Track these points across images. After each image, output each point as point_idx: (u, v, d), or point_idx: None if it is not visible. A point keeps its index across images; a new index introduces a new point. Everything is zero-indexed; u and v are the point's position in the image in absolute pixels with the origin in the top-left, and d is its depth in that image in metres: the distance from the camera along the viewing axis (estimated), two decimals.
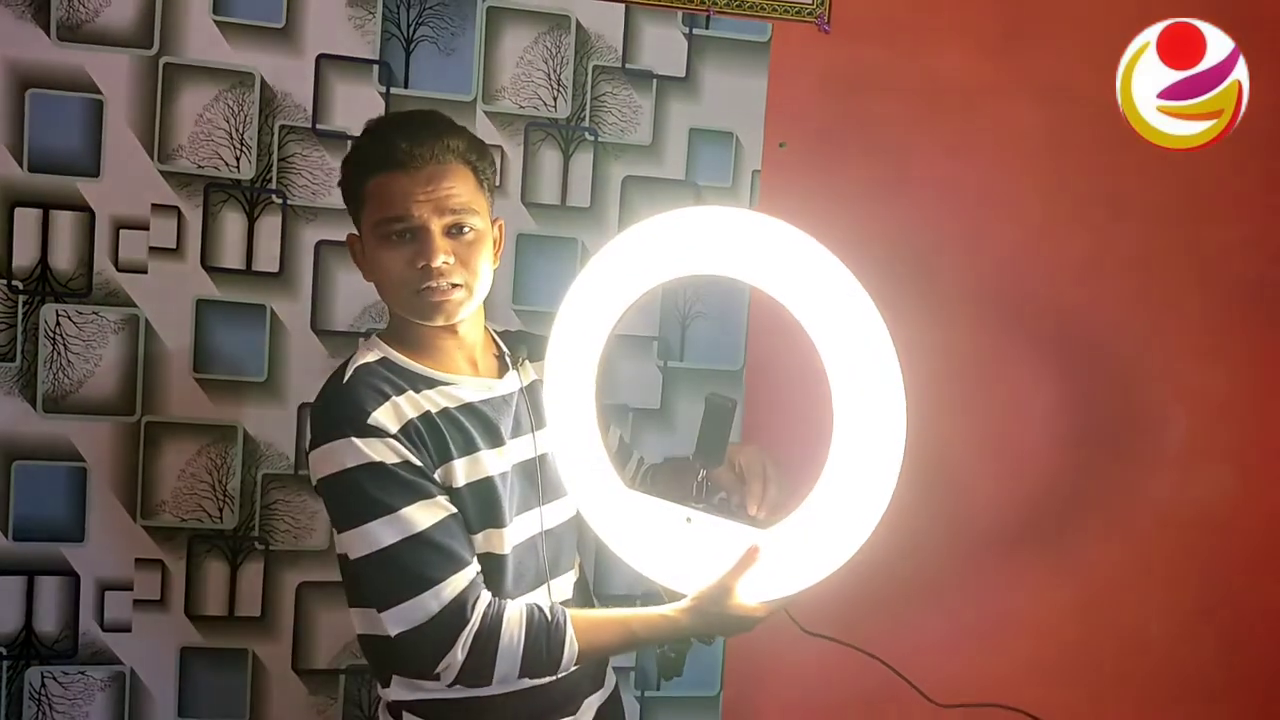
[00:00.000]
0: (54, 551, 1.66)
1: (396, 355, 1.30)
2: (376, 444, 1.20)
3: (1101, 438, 2.00)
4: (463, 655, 1.20)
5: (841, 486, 1.21)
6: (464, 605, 1.20)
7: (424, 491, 1.21)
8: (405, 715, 1.31)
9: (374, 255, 1.27)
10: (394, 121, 1.31)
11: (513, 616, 1.23)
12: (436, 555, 1.20)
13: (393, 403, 1.23)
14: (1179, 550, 2.04)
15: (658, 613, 1.28)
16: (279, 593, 1.73)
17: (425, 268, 1.23)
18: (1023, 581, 2.00)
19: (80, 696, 1.68)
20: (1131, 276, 1.98)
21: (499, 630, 1.21)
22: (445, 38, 1.72)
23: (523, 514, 1.32)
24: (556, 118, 1.77)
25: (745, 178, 1.83)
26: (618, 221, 1.80)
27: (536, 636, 1.23)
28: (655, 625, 1.28)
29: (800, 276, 1.21)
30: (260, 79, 1.66)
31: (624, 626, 1.29)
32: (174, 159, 1.65)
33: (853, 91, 1.86)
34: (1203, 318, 2.01)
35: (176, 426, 1.68)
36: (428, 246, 1.23)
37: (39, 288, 1.63)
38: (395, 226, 1.24)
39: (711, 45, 1.81)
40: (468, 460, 1.26)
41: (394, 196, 1.23)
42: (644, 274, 1.29)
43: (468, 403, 1.29)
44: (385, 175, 1.24)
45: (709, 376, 1.85)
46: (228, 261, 1.68)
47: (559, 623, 1.25)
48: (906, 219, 1.88)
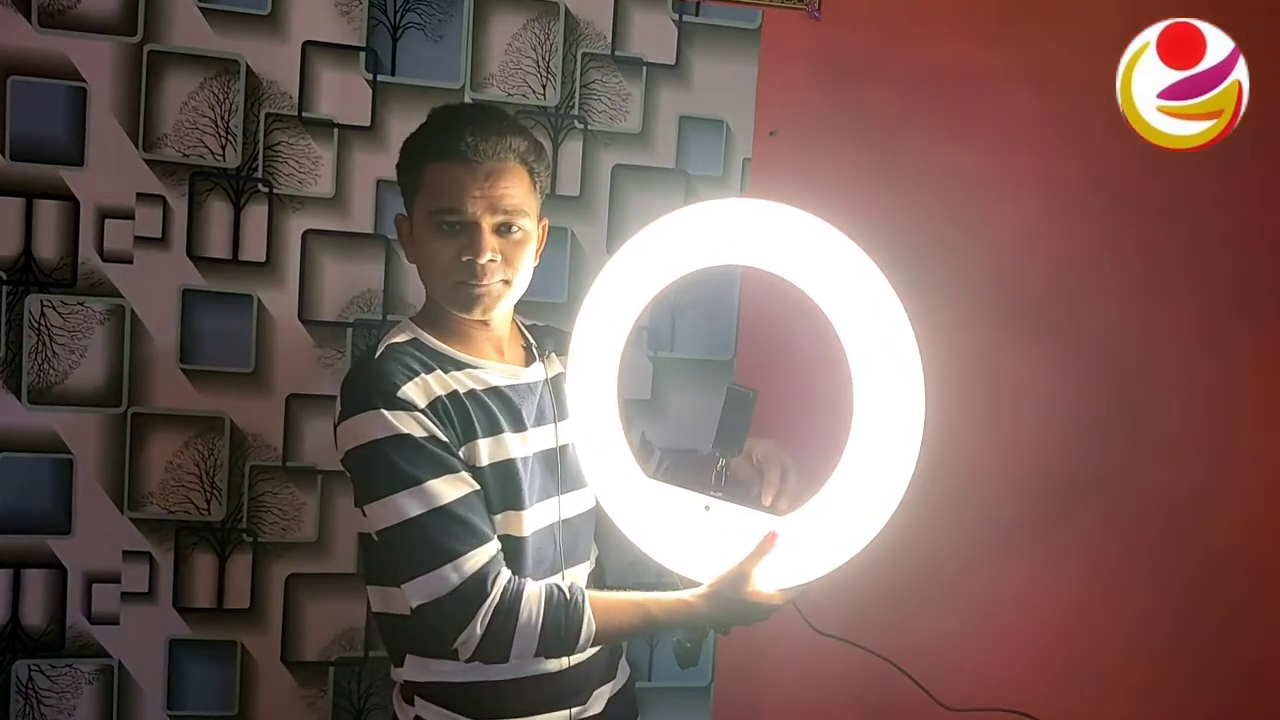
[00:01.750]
0: (40, 544, 1.65)
1: (427, 337, 1.34)
2: (405, 417, 1.23)
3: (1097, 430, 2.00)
4: (480, 630, 1.21)
5: (859, 474, 1.25)
6: (484, 580, 1.22)
7: (449, 466, 1.24)
8: (417, 700, 1.32)
9: (422, 241, 1.31)
10: (461, 113, 1.35)
11: (532, 594, 1.25)
12: (459, 528, 1.22)
13: (421, 379, 1.26)
14: (1177, 542, 2.03)
15: (675, 597, 1.30)
16: (268, 585, 1.72)
17: (470, 262, 1.28)
18: (1025, 580, 1.99)
19: (68, 689, 1.67)
20: (1129, 268, 1.97)
21: (518, 607, 1.23)
22: (433, 24, 1.70)
23: (542, 501, 1.34)
24: (545, 105, 1.75)
25: (736, 166, 1.82)
26: (608, 210, 1.79)
27: (555, 615, 1.24)
28: (672, 609, 1.30)
29: (824, 268, 1.27)
30: (245, 66, 1.64)
31: (641, 609, 1.30)
32: (159, 147, 1.63)
33: (844, 79, 1.85)
34: (1201, 310, 2.00)
35: (163, 418, 1.66)
36: (477, 242, 1.28)
37: (23, 278, 1.61)
38: (448, 218, 1.28)
39: (701, 32, 1.80)
40: (492, 440, 1.29)
41: (451, 188, 1.27)
42: (666, 267, 1.33)
43: (494, 386, 1.33)
44: (445, 164, 1.28)
45: (700, 366, 1.84)
46: (214, 251, 1.66)
47: (577, 602, 1.26)
48: (899, 208, 1.87)
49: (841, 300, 1.27)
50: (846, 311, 1.27)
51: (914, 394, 1.24)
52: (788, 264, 1.29)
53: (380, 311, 1.71)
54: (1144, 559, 2.03)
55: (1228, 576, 2.06)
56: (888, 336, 1.25)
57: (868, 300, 1.25)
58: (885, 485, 1.25)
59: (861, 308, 1.26)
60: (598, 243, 1.79)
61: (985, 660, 1.94)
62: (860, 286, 1.26)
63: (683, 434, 1.76)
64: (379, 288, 1.71)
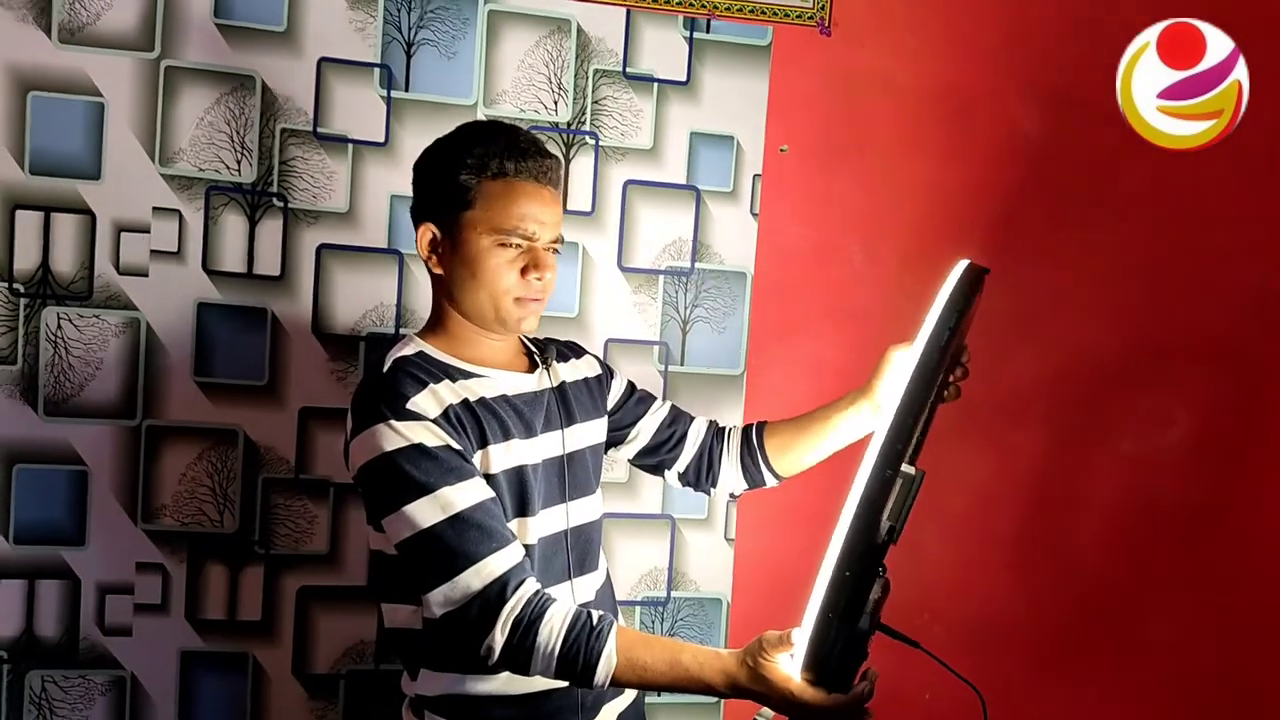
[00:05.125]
0: (55, 555, 1.66)
1: (432, 349, 1.33)
2: (416, 427, 1.22)
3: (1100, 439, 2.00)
4: (503, 636, 1.18)
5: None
6: (505, 585, 1.18)
7: (463, 473, 1.23)
8: (427, 714, 1.32)
9: (478, 256, 1.30)
10: (518, 133, 1.33)
11: (555, 614, 1.19)
12: (478, 533, 1.20)
13: (431, 389, 1.26)
14: (1181, 553, 2.03)
15: (711, 650, 1.20)
16: (279, 597, 1.72)
17: (531, 280, 1.29)
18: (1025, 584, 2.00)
19: (80, 700, 1.68)
20: (1132, 278, 1.97)
21: (538, 625, 1.18)
22: (446, 41, 1.72)
23: (549, 508, 1.34)
24: (557, 121, 1.77)
25: (746, 181, 1.83)
26: (619, 225, 1.80)
27: (576, 640, 1.18)
28: (705, 662, 1.19)
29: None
30: (261, 82, 1.66)
31: (671, 651, 1.20)
32: (175, 162, 1.65)
33: (854, 95, 1.86)
34: (1203, 319, 2.00)
35: (177, 430, 1.68)
36: (542, 260, 1.30)
37: (40, 291, 1.63)
38: (514, 238, 1.28)
39: (712, 49, 1.81)
40: (504, 447, 1.29)
41: (523, 208, 1.28)
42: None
43: (502, 393, 1.33)
44: (516, 183, 1.29)
45: (709, 380, 1.85)
46: (229, 265, 1.68)
47: (602, 631, 1.18)
48: (906, 223, 1.88)
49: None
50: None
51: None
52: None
53: (393, 325, 1.72)
54: (1147, 573, 2.03)
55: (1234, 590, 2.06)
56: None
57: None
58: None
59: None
60: (609, 257, 1.80)
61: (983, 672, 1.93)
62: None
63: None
64: (392, 301, 1.72)
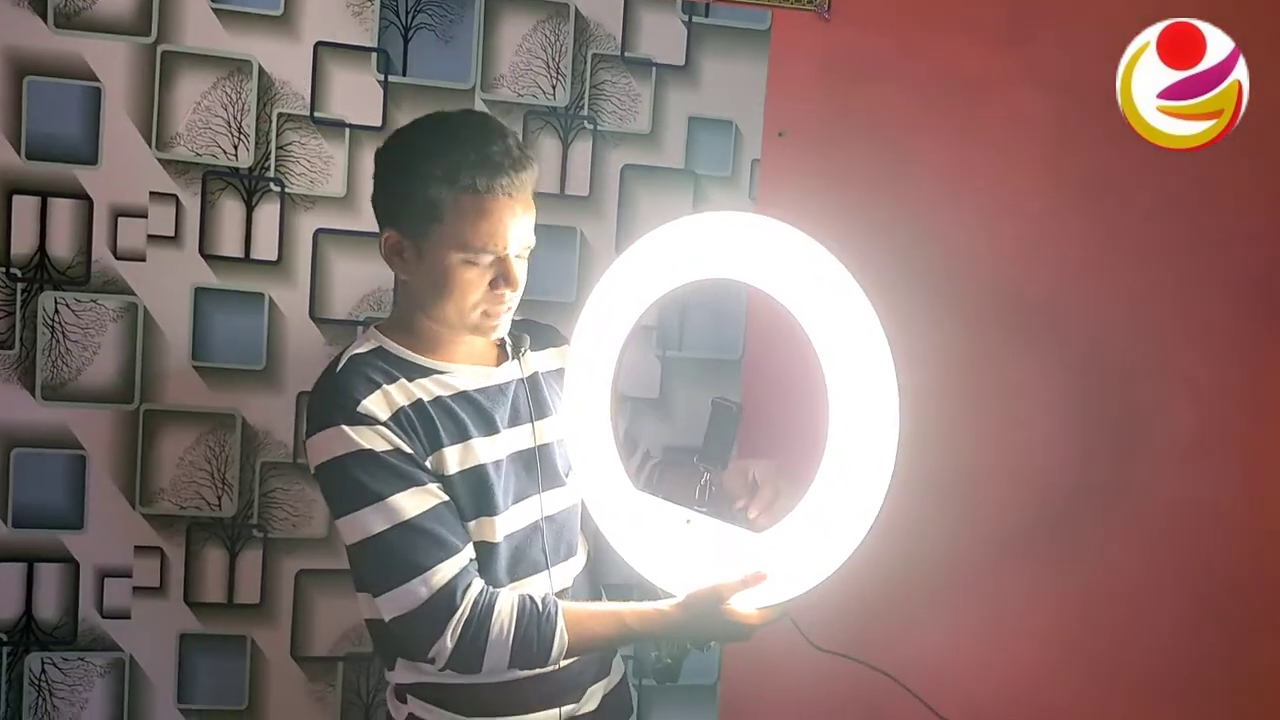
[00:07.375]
0: (53, 539, 1.66)
1: (391, 345, 1.31)
2: (367, 431, 1.22)
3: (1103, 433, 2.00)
4: (451, 643, 1.21)
5: (836, 489, 1.21)
6: (453, 592, 1.21)
7: (414, 479, 1.23)
8: (410, 699, 1.33)
9: (445, 270, 1.25)
10: (489, 140, 1.25)
11: (504, 607, 1.24)
12: (425, 541, 1.21)
13: (383, 391, 1.25)
14: (1184, 548, 2.03)
15: (652, 607, 1.29)
16: (277, 580, 1.73)
17: (501, 292, 1.27)
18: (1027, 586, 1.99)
19: (80, 683, 1.69)
20: (1135, 270, 1.97)
21: (489, 621, 1.23)
22: (444, 25, 1.71)
23: (520, 502, 1.33)
24: (555, 106, 1.76)
25: (745, 166, 1.83)
26: (617, 210, 1.79)
27: (527, 628, 1.24)
28: (649, 619, 1.29)
29: (802, 280, 1.23)
30: (258, 67, 1.66)
31: (617, 619, 1.29)
32: (172, 147, 1.64)
33: (853, 80, 1.85)
34: (1206, 312, 1.99)
35: (175, 414, 1.68)
36: (511, 274, 1.27)
37: (37, 275, 1.63)
38: (483, 255, 1.24)
39: (711, 33, 1.80)
40: (460, 448, 1.28)
41: (492, 224, 1.23)
42: (665, 276, 1.34)
43: (462, 391, 1.31)
44: (487, 200, 1.23)
45: (708, 366, 1.85)
46: (226, 250, 1.68)
47: (550, 614, 1.25)
48: (907, 209, 1.87)
49: (816, 309, 1.22)
50: (820, 320, 1.21)
51: (889, 404, 1.17)
52: (763, 276, 1.27)
53: (390, 310, 1.72)
54: (1150, 568, 2.02)
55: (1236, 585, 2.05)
56: (863, 346, 1.19)
57: (841, 309, 1.19)
58: (863, 497, 1.19)
59: (835, 317, 1.20)
60: (606, 243, 1.80)
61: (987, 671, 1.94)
62: (834, 297, 1.21)
63: (690, 433, 1.76)
64: (389, 286, 1.72)
